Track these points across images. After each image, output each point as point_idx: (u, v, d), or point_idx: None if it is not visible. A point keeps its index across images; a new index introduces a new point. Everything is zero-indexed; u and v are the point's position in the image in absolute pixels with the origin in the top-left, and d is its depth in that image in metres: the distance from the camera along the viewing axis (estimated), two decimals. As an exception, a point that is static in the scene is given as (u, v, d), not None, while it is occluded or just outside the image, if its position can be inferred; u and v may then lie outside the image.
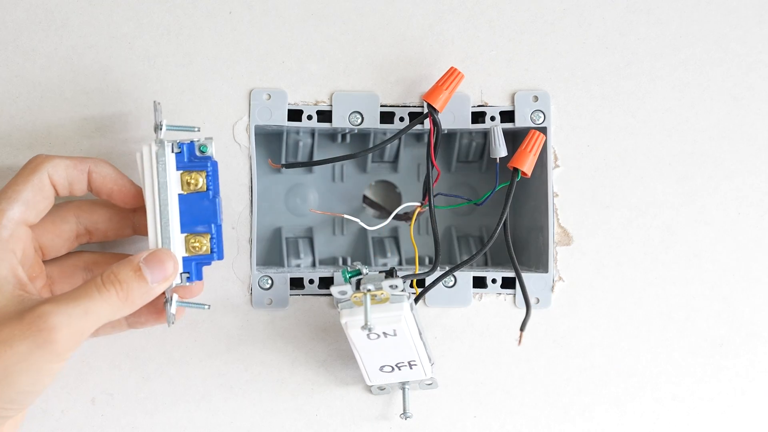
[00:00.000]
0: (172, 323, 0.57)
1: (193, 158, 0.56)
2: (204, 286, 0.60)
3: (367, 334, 0.57)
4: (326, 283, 0.64)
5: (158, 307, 0.58)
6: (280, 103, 0.63)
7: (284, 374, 0.63)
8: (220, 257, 0.57)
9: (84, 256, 0.59)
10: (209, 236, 0.56)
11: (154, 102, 0.56)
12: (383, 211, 0.71)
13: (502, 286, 0.65)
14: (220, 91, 0.63)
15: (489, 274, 0.64)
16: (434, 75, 0.63)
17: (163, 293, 0.56)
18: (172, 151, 0.56)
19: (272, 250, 0.70)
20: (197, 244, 0.56)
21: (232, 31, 0.63)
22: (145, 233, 0.57)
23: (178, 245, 0.56)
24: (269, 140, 0.68)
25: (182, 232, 0.56)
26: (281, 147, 0.67)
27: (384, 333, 0.57)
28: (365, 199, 0.71)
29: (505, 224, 0.61)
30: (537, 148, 0.61)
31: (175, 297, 0.56)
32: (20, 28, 0.62)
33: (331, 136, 0.68)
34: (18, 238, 0.54)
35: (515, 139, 0.67)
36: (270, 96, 0.63)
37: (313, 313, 0.64)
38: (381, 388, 0.63)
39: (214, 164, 0.56)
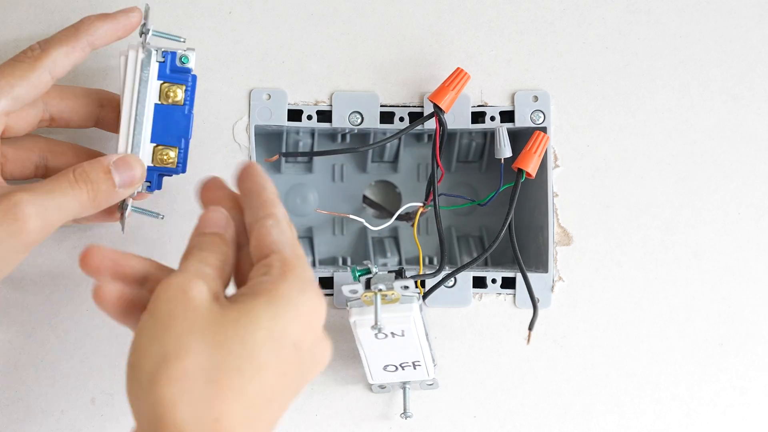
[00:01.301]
0: (124, 229, 0.57)
1: (175, 69, 0.56)
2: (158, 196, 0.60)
3: (376, 334, 0.57)
4: (326, 283, 0.64)
5: (109, 208, 0.57)
6: (280, 103, 0.63)
7: (284, 374, 0.63)
8: (184, 171, 0.57)
9: (40, 141, 0.58)
10: (177, 149, 0.57)
11: (146, 5, 0.56)
12: (383, 211, 0.71)
13: (502, 286, 0.64)
14: (220, 91, 0.63)
15: (489, 274, 0.64)
16: (434, 75, 0.63)
17: None
18: (156, 60, 0.55)
19: (272, 250, 0.70)
20: (165, 157, 0.56)
21: (232, 31, 0.63)
22: (106, 129, 0.57)
23: (146, 154, 0.56)
24: (269, 140, 0.68)
25: (152, 141, 0.56)
26: (281, 147, 0.67)
27: (392, 333, 0.57)
28: (365, 199, 0.71)
29: (510, 225, 0.61)
30: (541, 149, 0.61)
31: (130, 202, 0.57)
32: (20, 28, 0.62)
33: (331, 136, 0.68)
34: None
35: (515, 139, 0.66)
36: (270, 96, 0.63)
37: (313, 313, 0.63)
38: (382, 387, 0.63)
39: (194, 78, 0.56)
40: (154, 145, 0.56)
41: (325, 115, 0.64)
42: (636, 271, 0.65)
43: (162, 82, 0.56)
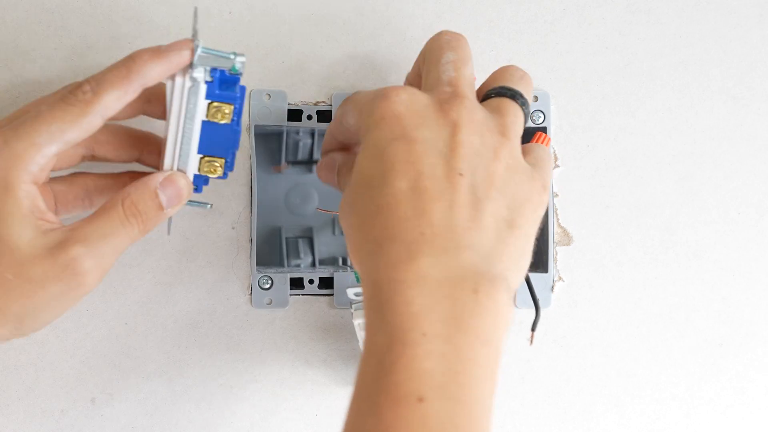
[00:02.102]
0: (169, 232, 0.58)
1: (224, 87, 0.54)
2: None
3: None
4: (326, 283, 0.64)
5: None
6: (280, 103, 0.63)
7: (284, 374, 0.63)
8: (226, 176, 0.56)
9: (87, 180, 0.58)
10: (224, 160, 0.56)
11: (194, 25, 0.54)
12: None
13: (502, 286, 0.64)
14: (220, 91, 0.63)
15: (489, 274, 0.64)
16: (434, 75, 0.63)
17: None
18: (204, 81, 0.53)
19: (272, 250, 0.70)
20: (211, 168, 0.56)
21: (232, 31, 0.63)
22: (153, 116, 0.56)
23: (193, 164, 0.55)
24: (269, 140, 0.68)
25: (199, 152, 0.55)
26: (281, 147, 0.67)
27: None
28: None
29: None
30: (542, 149, 0.61)
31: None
32: (20, 28, 0.62)
33: (331, 136, 0.68)
34: (44, 170, 0.52)
35: (515, 139, 0.67)
36: (270, 96, 0.63)
37: (313, 313, 0.64)
38: (381, 388, 0.63)
39: (242, 90, 0.54)
40: (201, 156, 0.55)
41: (325, 115, 0.64)
42: (636, 271, 0.65)
43: (210, 101, 0.54)
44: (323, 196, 0.71)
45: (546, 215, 0.64)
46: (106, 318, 0.62)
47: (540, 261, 0.65)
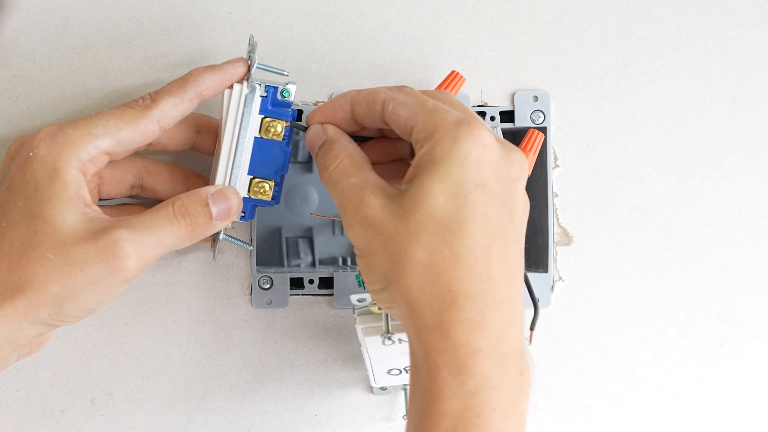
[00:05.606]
0: (215, 256, 0.59)
1: (277, 104, 0.56)
2: (249, 224, 0.62)
3: (383, 341, 0.57)
4: (326, 283, 0.64)
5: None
6: (280, 103, 0.63)
7: (284, 374, 0.63)
8: (278, 202, 0.58)
9: (136, 162, 0.59)
10: (273, 183, 0.57)
11: (251, 36, 0.57)
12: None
13: (502, 286, 0.64)
14: (220, 91, 0.63)
15: (489, 274, 0.64)
16: (434, 75, 0.63)
17: None
18: (260, 95, 0.56)
19: (272, 250, 0.70)
20: (260, 190, 0.57)
21: (232, 31, 0.63)
22: (202, 152, 0.58)
23: (243, 186, 0.57)
24: (269, 140, 0.68)
25: (249, 173, 0.57)
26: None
27: (399, 339, 0.57)
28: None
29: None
30: (536, 147, 0.61)
31: (222, 230, 0.58)
32: (20, 28, 0.62)
33: (331, 136, 0.68)
34: (94, 162, 0.54)
35: (515, 139, 0.66)
36: (270, 96, 0.63)
37: (313, 313, 0.64)
38: (383, 389, 0.63)
39: (294, 113, 0.57)
40: (251, 177, 0.57)
41: (325, 115, 0.64)
42: (636, 271, 0.65)
43: (263, 116, 0.56)
44: (323, 196, 0.71)
45: (546, 215, 0.64)
46: (106, 318, 0.62)
47: (540, 261, 0.65)
